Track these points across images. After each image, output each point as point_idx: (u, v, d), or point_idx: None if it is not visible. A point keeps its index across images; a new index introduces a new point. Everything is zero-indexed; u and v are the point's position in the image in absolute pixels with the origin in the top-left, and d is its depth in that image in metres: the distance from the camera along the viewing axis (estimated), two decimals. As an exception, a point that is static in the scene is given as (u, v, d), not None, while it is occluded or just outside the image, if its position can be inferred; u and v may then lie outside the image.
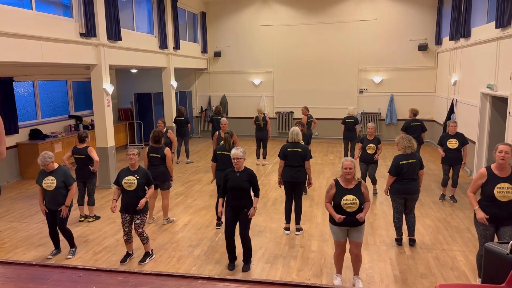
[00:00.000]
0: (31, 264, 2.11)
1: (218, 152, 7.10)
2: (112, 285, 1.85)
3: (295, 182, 6.85)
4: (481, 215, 4.77)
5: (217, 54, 16.83)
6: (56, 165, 6.02)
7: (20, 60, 7.44)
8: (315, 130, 12.85)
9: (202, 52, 16.62)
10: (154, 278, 1.90)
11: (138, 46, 11.41)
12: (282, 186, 7.09)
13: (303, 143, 7.18)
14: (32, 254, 6.32)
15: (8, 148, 10.39)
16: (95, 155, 7.48)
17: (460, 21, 11.40)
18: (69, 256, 6.19)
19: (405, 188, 6.20)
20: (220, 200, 5.74)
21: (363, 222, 4.98)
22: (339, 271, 5.31)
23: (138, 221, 5.90)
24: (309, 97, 15.84)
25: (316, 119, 12.31)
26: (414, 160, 6.28)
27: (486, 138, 9.81)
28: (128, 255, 6.10)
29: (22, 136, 10.90)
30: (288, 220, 7.04)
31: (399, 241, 6.47)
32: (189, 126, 12.33)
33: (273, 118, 16.28)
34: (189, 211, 8.16)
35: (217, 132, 8.88)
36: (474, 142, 10.26)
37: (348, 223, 4.94)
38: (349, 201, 4.87)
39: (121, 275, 1.94)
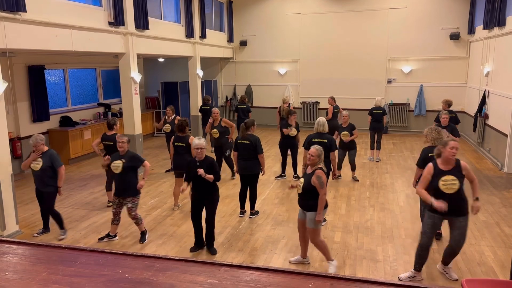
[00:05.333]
0: (61, 246, 2.18)
1: (238, 141, 7.14)
2: (137, 269, 1.90)
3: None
4: (440, 204, 4.74)
5: (243, 43, 16.79)
6: (45, 148, 6.27)
7: (51, 48, 7.61)
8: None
9: (228, 41, 16.61)
10: (179, 263, 1.93)
11: (165, 35, 11.51)
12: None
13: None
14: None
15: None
16: (122, 142, 7.62)
17: (494, 9, 10.97)
18: (61, 237, 6.46)
19: (433, 181, 6.07)
20: (185, 183, 5.86)
21: (313, 209, 5.13)
22: (302, 253, 5.59)
23: (129, 205, 6.12)
24: (336, 87, 15.63)
25: (343, 109, 12.14)
26: (443, 153, 6.12)
27: (520, 131, 9.48)
28: (107, 236, 6.31)
29: (53, 123, 11.21)
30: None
31: (425, 234, 6.36)
32: (214, 115, 12.37)
33: (298, 108, 16.16)
34: (213, 199, 8.23)
35: (210, 120, 9.33)
36: (506, 135, 9.94)
37: (300, 204, 5.32)
38: (299, 183, 5.23)
39: (147, 260, 1.99)
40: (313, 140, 6.89)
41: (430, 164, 4.91)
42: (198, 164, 5.68)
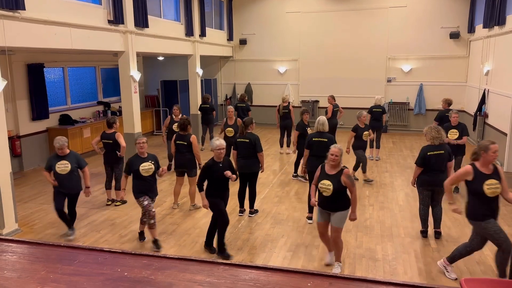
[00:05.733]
0: (60, 245, 2.18)
1: (237, 140, 7.15)
2: (136, 267, 1.89)
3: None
4: (459, 209, 5.08)
5: (243, 42, 16.76)
6: (68, 150, 6.27)
7: (50, 46, 7.60)
8: (340, 119, 12.68)
9: (227, 39, 16.58)
10: (177, 262, 1.93)
11: (164, 34, 11.49)
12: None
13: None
14: (61, 235, 6.52)
15: (38, 133, 10.71)
16: (122, 141, 7.62)
17: (494, 8, 10.97)
18: (70, 237, 6.44)
19: (433, 180, 6.06)
20: (203, 193, 5.72)
21: (343, 209, 5.12)
22: (329, 249, 5.54)
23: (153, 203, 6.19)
24: (336, 85, 15.61)
25: (343, 108, 12.15)
26: (443, 152, 6.12)
27: (519, 130, 9.47)
28: (143, 233, 6.35)
29: (52, 121, 11.19)
30: (311, 210, 7.02)
31: (424, 233, 6.37)
32: (214, 113, 12.40)
33: (298, 107, 16.13)
34: (213, 198, 8.22)
35: (225, 119, 9.27)
36: (505, 134, 9.93)
37: (326, 206, 5.18)
38: (324, 185, 5.07)
39: (145, 259, 1.98)
40: (313, 139, 6.89)
41: (470, 167, 4.81)
42: (221, 165, 5.67)
